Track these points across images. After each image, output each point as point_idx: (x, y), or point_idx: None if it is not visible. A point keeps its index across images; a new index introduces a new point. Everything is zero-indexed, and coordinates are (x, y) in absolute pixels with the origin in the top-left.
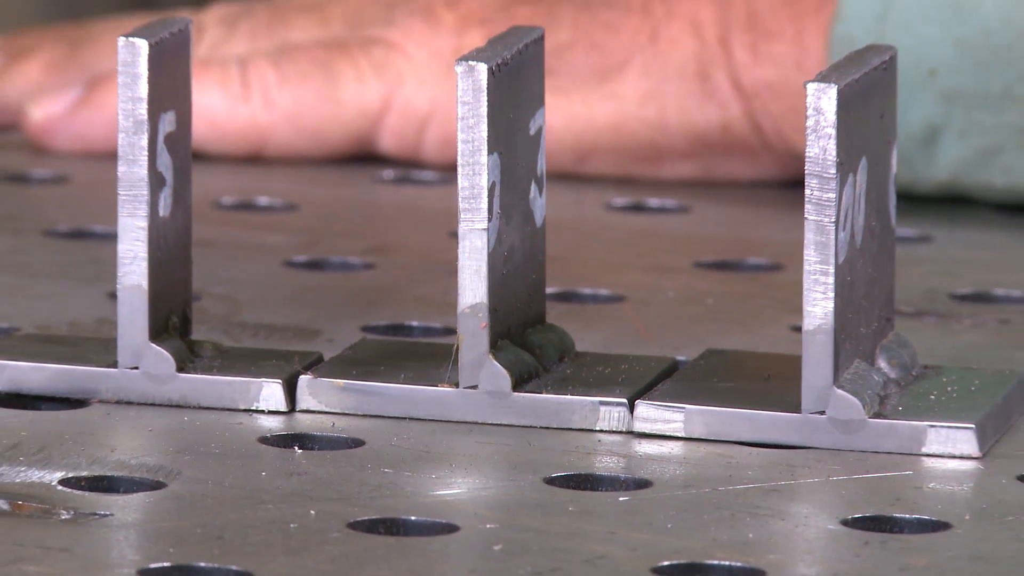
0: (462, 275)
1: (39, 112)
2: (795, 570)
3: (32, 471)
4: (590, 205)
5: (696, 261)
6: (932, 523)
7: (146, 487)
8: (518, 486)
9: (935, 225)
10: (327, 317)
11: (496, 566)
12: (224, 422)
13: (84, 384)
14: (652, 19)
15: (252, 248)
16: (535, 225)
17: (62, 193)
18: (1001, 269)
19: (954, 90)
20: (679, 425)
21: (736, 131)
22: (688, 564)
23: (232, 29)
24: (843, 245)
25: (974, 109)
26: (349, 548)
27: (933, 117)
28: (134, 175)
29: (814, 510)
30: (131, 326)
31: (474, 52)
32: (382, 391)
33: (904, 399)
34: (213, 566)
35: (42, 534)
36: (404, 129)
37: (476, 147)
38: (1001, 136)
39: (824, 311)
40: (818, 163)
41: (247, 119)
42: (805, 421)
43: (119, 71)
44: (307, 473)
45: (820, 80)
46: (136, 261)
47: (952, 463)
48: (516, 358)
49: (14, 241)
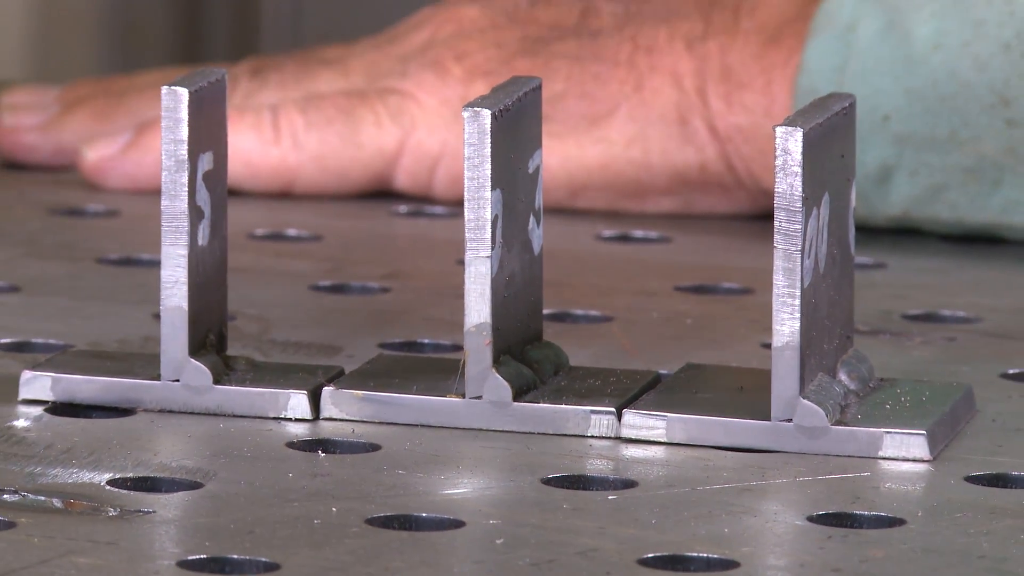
0: (468, 298)
1: (93, 154)
2: (766, 561)
3: (83, 472)
4: (582, 236)
5: (676, 285)
6: (888, 519)
7: (185, 487)
8: (518, 486)
9: (889, 253)
10: (348, 335)
11: (498, 558)
12: (255, 429)
13: (130, 395)
14: (637, 71)
15: (281, 274)
16: (533, 253)
17: (113, 225)
18: (948, 293)
19: (905, 134)
20: (662, 431)
21: (712, 170)
22: (671, 556)
23: (263, 81)
24: (808, 271)
25: (923, 151)
26: (367, 542)
27: (886, 158)
28: (176, 208)
29: (783, 507)
30: (173, 343)
31: (479, 99)
32: (397, 401)
33: (863, 408)
34: (245, 558)
35: (91, 529)
36: (417, 169)
37: (481, 184)
38: (947, 175)
39: (791, 329)
40: (786, 198)
41: (278, 160)
42: (774, 428)
43: (163, 116)
44: (329, 474)
45: (788, 124)
46: (177, 285)
47: (906, 465)
48: (516, 372)
49: (70, 267)
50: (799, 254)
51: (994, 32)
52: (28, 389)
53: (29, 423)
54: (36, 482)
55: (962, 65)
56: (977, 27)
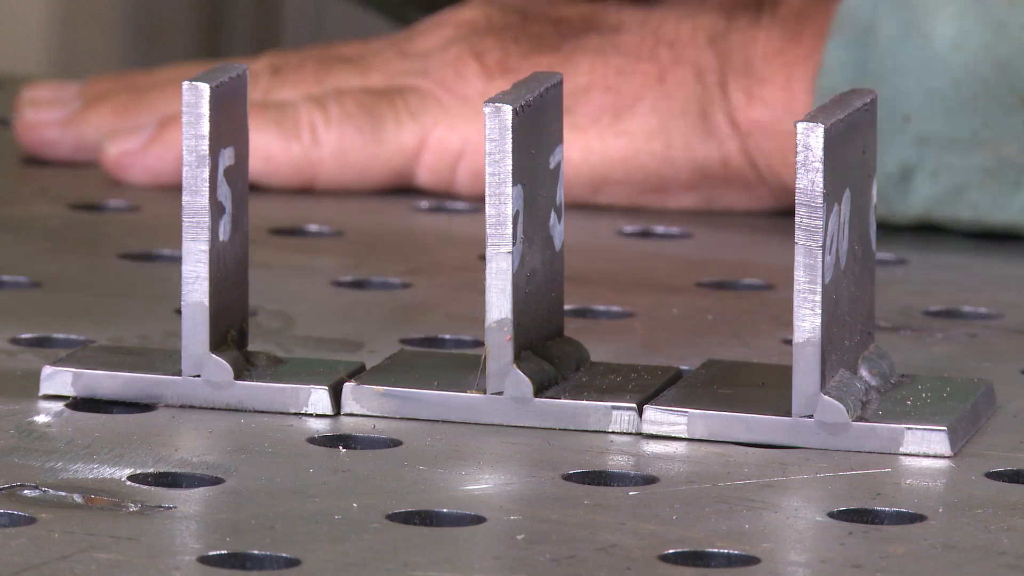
0: (489, 293)
1: (114, 149)
2: (787, 557)
3: (104, 468)
4: (603, 231)
5: (698, 281)
6: (909, 515)
7: (206, 482)
8: (539, 482)
9: (910, 250)
10: (369, 331)
11: (519, 553)
12: (276, 424)
13: (152, 390)
14: (659, 65)
15: (303, 269)
16: (554, 249)
17: (134, 220)
18: (969, 289)
19: (926, 135)
20: (683, 427)
21: (734, 165)
22: (691, 552)
23: (283, 78)
24: (829, 267)
25: (944, 152)
26: (387, 537)
27: (907, 159)
28: (197, 204)
29: (803, 503)
30: (194, 339)
31: (500, 95)
32: (418, 396)
33: (884, 404)
34: (265, 553)
35: (112, 524)
36: (438, 166)
37: (502, 179)
38: (968, 176)
39: (812, 326)
40: (807, 194)
41: (299, 156)
42: (795, 424)
43: (184, 112)
44: (350, 470)
45: (809, 120)
46: (199, 281)
47: (927, 461)
48: (537, 367)
49: (91, 263)
50: (820, 250)
51: (1016, 33)
52: (49, 384)
53: (50, 418)
54: (57, 477)
55: (983, 66)
56: (998, 28)
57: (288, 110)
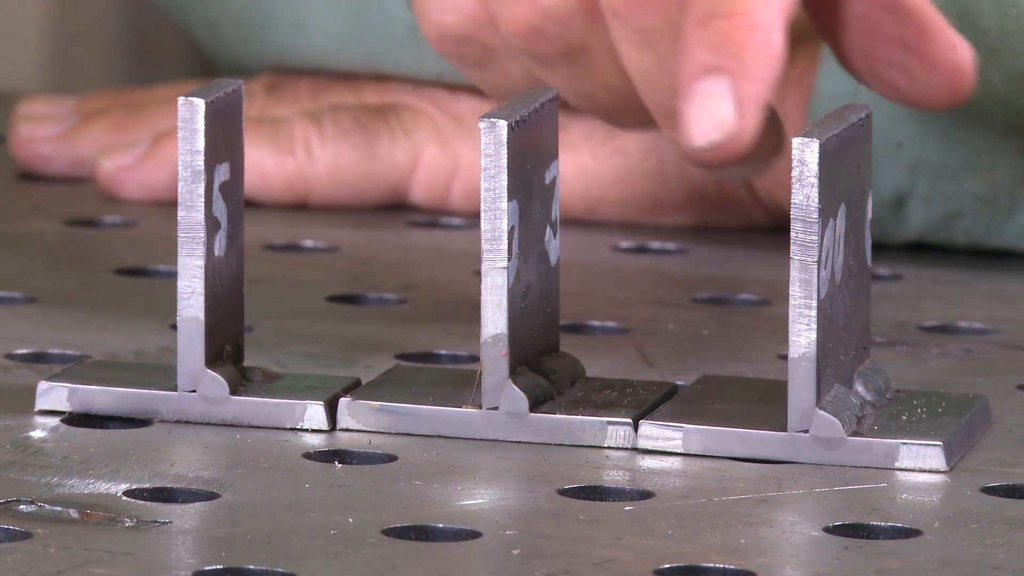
0: (485, 309)
1: (110, 164)
2: (782, 572)
3: (100, 483)
4: (599, 247)
5: (693, 297)
6: (905, 530)
7: (202, 497)
8: (534, 497)
9: (906, 265)
10: (364, 346)
11: (515, 568)
12: (272, 440)
13: (147, 406)
14: None
15: (298, 285)
16: (550, 264)
17: (129, 236)
18: (964, 304)
19: (919, 161)
20: (678, 442)
21: (727, 184)
22: (687, 567)
23: (278, 95)
24: (824, 282)
25: (937, 179)
26: (383, 552)
27: (901, 185)
28: (192, 219)
29: (799, 518)
30: (189, 354)
31: (495, 110)
32: (414, 412)
33: (879, 419)
34: (261, 568)
35: (108, 539)
36: (432, 183)
37: (497, 195)
38: (961, 203)
39: (808, 341)
40: (802, 209)
41: (293, 172)
42: (791, 439)
43: (179, 127)
44: (346, 485)
45: (804, 135)
46: (194, 296)
47: (922, 476)
48: (533, 382)
49: (87, 278)
50: (815, 265)
51: (1007, 61)
52: (45, 400)
53: (46, 434)
54: (53, 492)
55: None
56: (990, 55)
57: (283, 126)
